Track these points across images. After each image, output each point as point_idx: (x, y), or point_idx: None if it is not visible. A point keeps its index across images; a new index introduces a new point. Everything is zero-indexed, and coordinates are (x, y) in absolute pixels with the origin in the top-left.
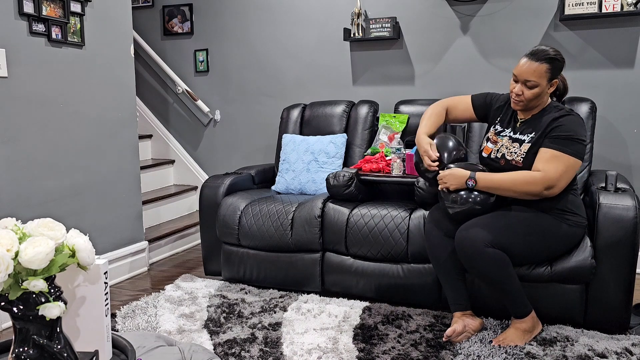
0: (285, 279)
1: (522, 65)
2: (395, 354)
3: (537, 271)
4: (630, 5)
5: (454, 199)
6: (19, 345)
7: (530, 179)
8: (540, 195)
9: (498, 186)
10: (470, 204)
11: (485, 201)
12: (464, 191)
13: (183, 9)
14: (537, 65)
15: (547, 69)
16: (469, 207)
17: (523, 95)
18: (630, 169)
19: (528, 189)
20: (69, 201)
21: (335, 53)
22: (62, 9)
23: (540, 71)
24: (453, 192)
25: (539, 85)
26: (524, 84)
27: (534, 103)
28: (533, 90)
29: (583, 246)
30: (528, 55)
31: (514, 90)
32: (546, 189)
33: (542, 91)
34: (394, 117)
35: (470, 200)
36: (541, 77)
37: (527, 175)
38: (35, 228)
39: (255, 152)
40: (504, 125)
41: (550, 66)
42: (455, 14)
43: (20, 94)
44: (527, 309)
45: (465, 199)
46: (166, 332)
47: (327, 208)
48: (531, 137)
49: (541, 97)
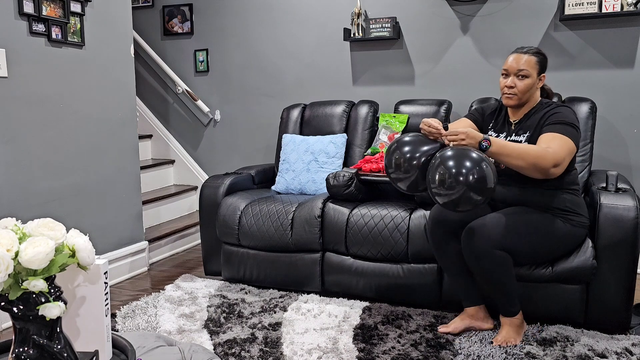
0: (285, 279)
1: (512, 59)
2: (395, 354)
3: (538, 271)
4: (630, 5)
5: (445, 182)
6: (19, 345)
7: (542, 153)
8: (546, 173)
9: (510, 152)
10: (462, 185)
11: (480, 188)
12: (453, 175)
13: (183, 9)
14: (527, 56)
15: (537, 61)
16: (460, 194)
17: (516, 87)
18: (630, 169)
19: (538, 162)
20: (69, 201)
21: (335, 53)
22: (62, 9)
23: (531, 62)
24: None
25: (531, 76)
26: (515, 76)
27: (526, 97)
28: (525, 81)
29: (584, 247)
30: (515, 51)
31: (506, 84)
32: (554, 166)
33: (533, 84)
34: (394, 117)
35: (462, 181)
36: (532, 68)
37: (539, 149)
38: (35, 228)
39: (255, 152)
40: (497, 130)
41: (538, 59)
42: (455, 14)
43: (20, 94)
44: (518, 307)
45: (456, 180)
46: (166, 332)
47: (327, 208)
48: (527, 136)
49: (532, 92)
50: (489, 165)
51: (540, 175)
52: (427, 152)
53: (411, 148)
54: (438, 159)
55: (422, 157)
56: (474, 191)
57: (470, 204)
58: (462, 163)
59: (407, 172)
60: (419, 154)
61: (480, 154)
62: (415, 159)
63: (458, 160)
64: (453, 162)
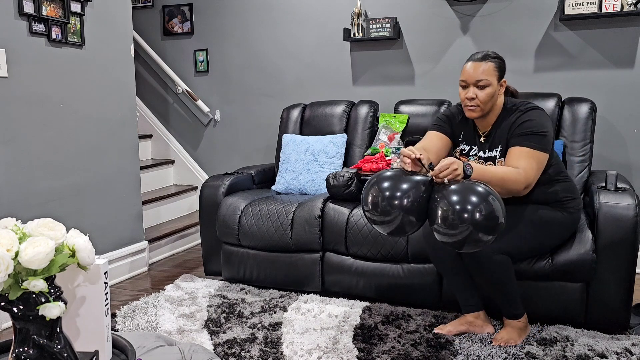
0: (285, 279)
1: (469, 69)
2: (395, 354)
3: (538, 265)
4: (630, 5)
5: (447, 220)
6: (19, 345)
7: (515, 177)
8: (518, 194)
9: (490, 178)
10: (467, 224)
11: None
12: (457, 211)
13: (183, 9)
14: (484, 64)
15: (495, 67)
16: (465, 233)
17: (477, 98)
18: (630, 169)
19: (512, 187)
20: (69, 201)
21: (335, 53)
22: (62, 9)
23: (489, 69)
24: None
25: (491, 85)
26: (475, 86)
27: (489, 106)
28: (486, 90)
29: (584, 238)
30: (471, 60)
31: (466, 97)
32: (525, 187)
33: (494, 92)
34: (394, 117)
35: (467, 219)
36: (491, 75)
37: (513, 172)
38: (35, 228)
39: (255, 152)
40: (469, 143)
41: (496, 64)
42: (455, 14)
43: (20, 94)
44: (521, 310)
45: (460, 219)
46: (166, 332)
47: (327, 208)
48: (501, 151)
49: (494, 99)
50: (497, 199)
51: (510, 196)
52: (412, 190)
53: (392, 185)
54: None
55: (407, 197)
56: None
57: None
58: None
59: (388, 215)
60: (401, 193)
61: (486, 187)
62: (397, 199)
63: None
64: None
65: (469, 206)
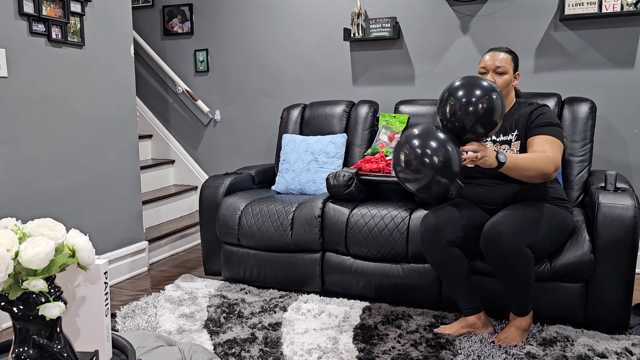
0: (285, 279)
1: (489, 57)
2: (395, 354)
3: (537, 269)
4: (630, 5)
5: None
6: (19, 345)
7: (544, 158)
8: (549, 176)
9: (521, 163)
10: (429, 169)
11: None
12: (417, 159)
13: (183, 9)
14: (502, 54)
15: (512, 59)
16: (429, 178)
17: (495, 83)
18: (630, 169)
19: (545, 169)
20: (69, 201)
21: (335, 53)
22: (62, 9)
23: (507, 59)
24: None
25: (508, 73)
26: (494, 72)
27: (505, 92)
28: (504, 77)
29: (581, 239)
30: (491, 50)
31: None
32: (555, 170)
33: (510, 80)
34: (394, 117)
35: (428, 164)
36: (509, 65)
37: (543, 156)
38: (35, 228)
39: (255, 152)
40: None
41: (513, 57)
42: (455, 14)
43: (20, 94)
44: (530, 308)
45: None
46: (166, 332)
47: (327, 208)
48: (517, 135)
49: (510, 87)
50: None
51: (543, 180)
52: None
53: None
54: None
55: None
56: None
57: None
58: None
59: (419, 172)
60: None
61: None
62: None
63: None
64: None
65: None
